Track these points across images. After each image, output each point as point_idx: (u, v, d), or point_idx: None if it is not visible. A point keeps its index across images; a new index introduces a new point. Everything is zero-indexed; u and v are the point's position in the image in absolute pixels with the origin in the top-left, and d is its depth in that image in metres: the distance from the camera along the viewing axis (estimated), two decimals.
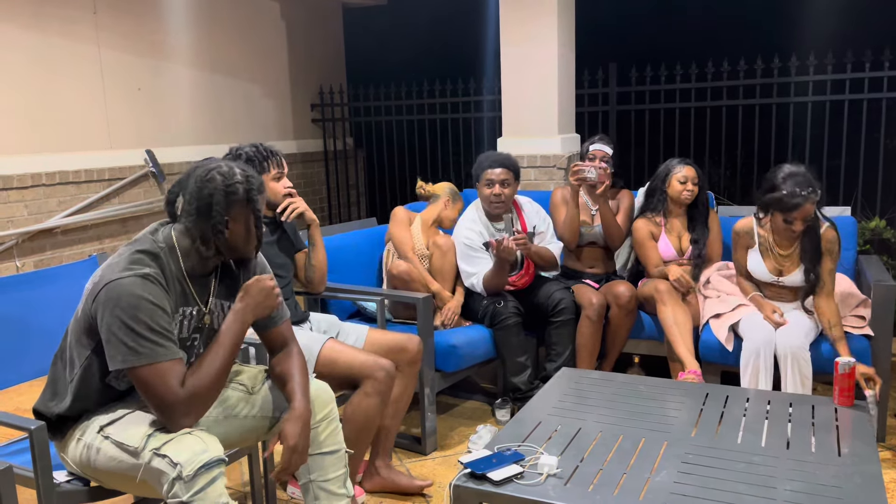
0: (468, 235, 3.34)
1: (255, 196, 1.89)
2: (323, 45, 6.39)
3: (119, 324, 1.70)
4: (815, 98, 4.40)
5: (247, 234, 1.90)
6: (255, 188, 1.90)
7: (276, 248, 2.74)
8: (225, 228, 1.86)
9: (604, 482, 1.80)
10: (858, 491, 1.72)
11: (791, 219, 2.87)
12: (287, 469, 1.90)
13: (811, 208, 2.84)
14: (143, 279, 1.74)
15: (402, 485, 2.68)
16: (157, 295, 1.75)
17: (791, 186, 2.82)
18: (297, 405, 1.93)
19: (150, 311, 1.72)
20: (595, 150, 3.50)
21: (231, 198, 1.84)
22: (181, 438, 1.70)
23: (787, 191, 2.83)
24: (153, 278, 1.76)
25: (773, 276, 3.05)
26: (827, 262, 2.95)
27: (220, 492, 1.67)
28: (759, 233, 3.08)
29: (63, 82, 4.36)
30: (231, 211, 1.85)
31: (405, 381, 2.66)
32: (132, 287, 1.72)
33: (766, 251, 3.07)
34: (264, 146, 2.66)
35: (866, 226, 4.07)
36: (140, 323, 1.71)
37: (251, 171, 1.92)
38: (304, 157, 6.17)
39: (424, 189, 3.49)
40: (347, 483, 2.10)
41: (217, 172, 1.85)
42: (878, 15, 4.79)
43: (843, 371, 2.23)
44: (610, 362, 3.43)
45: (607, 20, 5.38)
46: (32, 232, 4.20)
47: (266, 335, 2.08)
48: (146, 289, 1.73)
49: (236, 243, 1.90)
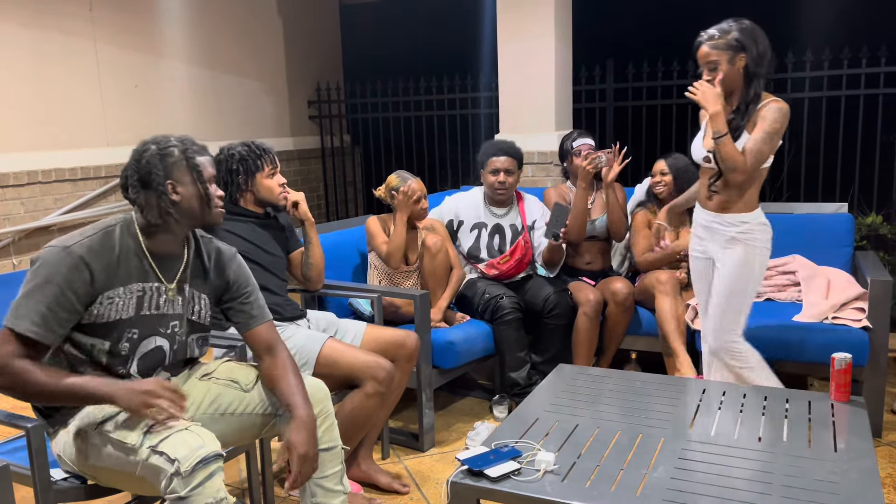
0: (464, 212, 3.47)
1: (192, 155, 1.89)
2: (320, 41, 6.38)
3: (28, 282, 1.75)
4: (811, 94, 4.40)
5: (199, 196, 1.89)
6: (192, 149, 1.90)
7: (270, 245, 2.73)
8: (172, 192, 1.85)
9: (601, 478, 1.80)
10: (854, 486, 1.72)
11: (700, 71, 2.62)
12: (299, 479, 1.88)
13: (706, 50, 2.56)
14: (66, 253, 1.75)
15: (381, 482, 2.68)
16: (67, 274, 1.74)
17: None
18: (300, 412, 1.91)
19: (50, 285, 1.73)
20: (580, 145, 3.51)
21: (167, 160, 1.86)
22: (178, 434, 1.70)
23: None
24: (73, 253, 1.75)
25: (705, 152, 2.68)
26: (756, 130, 2.56)
27: (219, 487, 1.67)
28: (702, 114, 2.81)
29: (59, 79, 4.34)
30: (172, 173, 1.86)
31: (399, 376, 2.66)
32: (51, 255, 1.76)
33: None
34: (256, 144, 2.66)
35: (863, 222, 4.08)
36: (37, 289, 1.73)
37: (189, 138, 1.94)
38: (301, 153, 6.16)
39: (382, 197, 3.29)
40: (344, 479, 2.10)
41: (151, 143, 1.90)
42: (875, 11, 4.79)
43: (840, 367, 2.24)
44: (607, 359, 3.44)
45: (604, 16, 5.37)
46: (29, 229, 4.19)
47: (247, 336, 2.07)
48: (63, 265, 1.74)
49: (192, 207, 1.89)
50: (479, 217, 3.52)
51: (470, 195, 3.62)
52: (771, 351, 3.01)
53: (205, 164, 1.92)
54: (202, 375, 2.07)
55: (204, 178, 1.90)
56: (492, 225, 3.51)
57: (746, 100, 2.57)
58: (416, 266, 3.30)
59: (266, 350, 2.04)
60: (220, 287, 2.05)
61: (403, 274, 3.27)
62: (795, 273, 3.42)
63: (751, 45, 2.54)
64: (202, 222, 1.94)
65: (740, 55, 2.53)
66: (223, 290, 2.06)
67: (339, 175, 6.36)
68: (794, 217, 3.63)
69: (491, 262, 3.45)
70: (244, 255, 2.60)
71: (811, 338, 2.95)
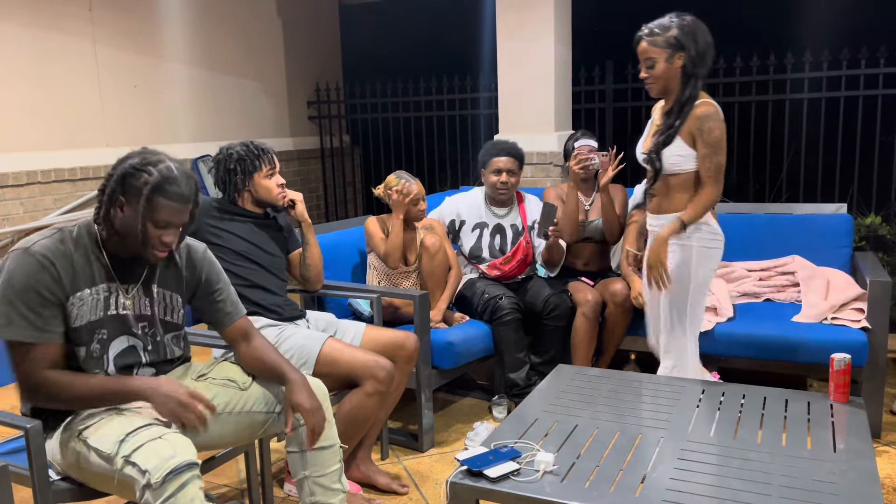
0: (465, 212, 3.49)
1: (159, 192, 1.76)
2: (319, 42, 6.38)
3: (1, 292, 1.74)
4: (810, 95, 4.41)
5: (134, 230, 1.78)
6: (170, 189, 1.77)
7: (269, 245, 2.73)
8: (118, 209, 1.79)
9: (600, 479, 1.80)
10: (854, 487, 1.72)
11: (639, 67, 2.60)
12: (316, 430, 1.95)
13: (645, 46, 2.54)
14: (25, 253, 1.75)
15: (379, 482, 2.68)
16: (31, 272, 1.74)
17: None
18: (293, 376, 1.98)
19: (17, 288, 1.73)
20: (581, 145, 3.50)
21: (131, 179, 1.78)
22: (150, 444, 1.67)
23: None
24: (36, 253, 1.75)
25: (643, 154, 2.70)
26: (699, 144, 2.55)
27: (192, 496, 1.63)
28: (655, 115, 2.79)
29: (59, 79, 4.34)
30: (126, 192, 1.78)
31: (398, 377, 2.66)
32: (13, 260, 1.75)
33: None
34: (255, 144, 2.66)
35: (862, 222, 4.08)
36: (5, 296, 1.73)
37: (184, 177, 1.80)
38: (301, 154, 6.16)
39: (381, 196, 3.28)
40: (343, 478, 2.10)
41: (143, 156, 1.81)
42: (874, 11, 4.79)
43: (839, 367, 2.24)
44: (606, 359, 3.43)
45: (604, 17, 5.37)
46: (28, 230, 4.19)
47: (225, 332, 2.08)
48: (24, 264, 1.74)
49: (126, 233, 1.80)
50: (481, 217, 3.53)
51: (470, 195, 3.62)
52: (770, 351, 3.02)
53: (168, 207, 1.78)
54: (198, 376, 2.07)
55: (152, 218, 1.78)
56: (493, 225, 3.51)
57: (681, 100, 2.55)
58: (414, 266, 3.30)
59: (242, 338, 2.08)
60: (193, 284, 2.04)
61: (402, 274, 3.27)
62: (794, 274, 3.42)
63: (689, 45, 2.50)
64: (128, 251, 1.86)
65: (678, 54, 2.50)
66: (195, 286, 2.05)
67: (338, 175, 6.36)
68: (793, 218, 3.63)
69: (493, 263, 3.45)
70: (243, 255, 2.62)
71: (810, 338, 2.95)
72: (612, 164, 3.40)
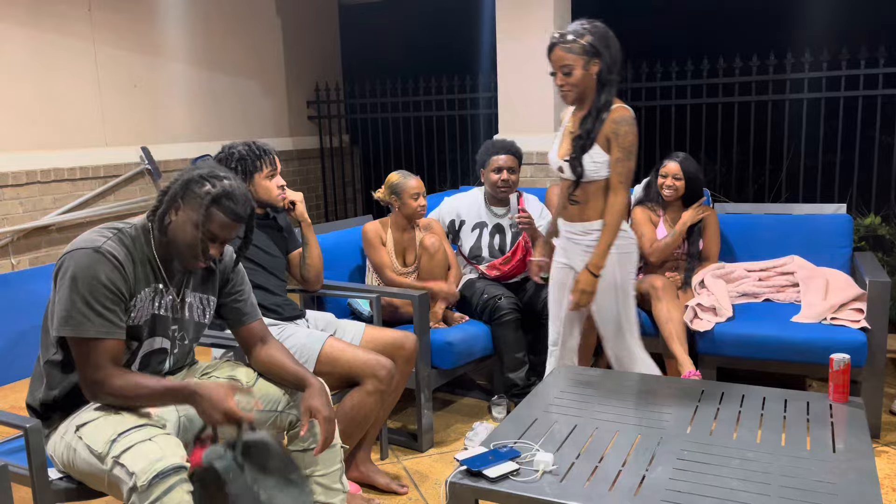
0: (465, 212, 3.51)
1: (214, 207, 1.80)
2: (319, 41, 6.37)
3: (66, 291, 1.74)
4: (810, 95, 4.41)
5: (190, 238, 1.81)
6: (226, 204, 1.81)
7: (269, 245, 2.73)
8: (171, 210, 1.82)
9: (599, 479, 1.80)
10: (853, 487, 1.72)
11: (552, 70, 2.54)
12: (329, 440, 1.97)
13: (561, 53, 2.49)
14: (96, 252, 1.75)
15: (379, 482, 2.68)
16: (104, 270, 1.75)
17: None
18: (312, 381, 2.00)
19: (92, 285, 1.73)
20: None
21: (192, 186, 1.82)
22: (140, 446, 1.67)
23: None
24: (106, 252, 1.76)
25: (560, 163, 2.64)
26: (613, 149, 2.52)
27: (179, 500, 1.62)
28: (566, 121, 2.72)
29: (58, 79, 4.34)
30: (185, 197, 1.82)
31: (398, 376, 2.66)
32: (83, 258, 1.75)
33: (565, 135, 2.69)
34: (257, 144, 2.66)
35: (861, 222, 4.08)
36: (80, 295, 1.73)
37: (243, 198, 1.85)
38: (301, 154, 6.16)
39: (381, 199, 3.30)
40: (343, 478, 2.10)
41: (212, 169, 1.85)
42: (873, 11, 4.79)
43: (838, 367, 2.24)
44: (606, 359, 3.43)
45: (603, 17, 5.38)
46: (28, 229, 4.19)
47: (239, 331, 2.11)
48: (96, 262, 1.75)
49: (174, 236, 1.83)
50: (481, 217, 3.53)
51: (470, 195, 3.63)
52: (769, 351, 3.02)
53: (222, 222, 1.83)
54: (202, 374, 2.08)
55: (204, 228, 1.81)
56: (492, 225, 3.52)
57: (598, 106, 2.53)
58: (414, 267, 3.30)
59: (259, 340, 2.10)
60: (221, 284, 2.08)
61: (402, 274, 3.27)
62: (794, 274, 3.42)
63: (604, 51, 2.48)
64: (176, 256, 1.88)
65: (594, 61, 2.48)
66: (222, 286, 2.08)
67: (338, 175, 6.36)
68: (792, 218, 3.63)
69: (492, 264, 3.45)
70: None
71: (810, 338, 2.95)
72: None
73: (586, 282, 2.56)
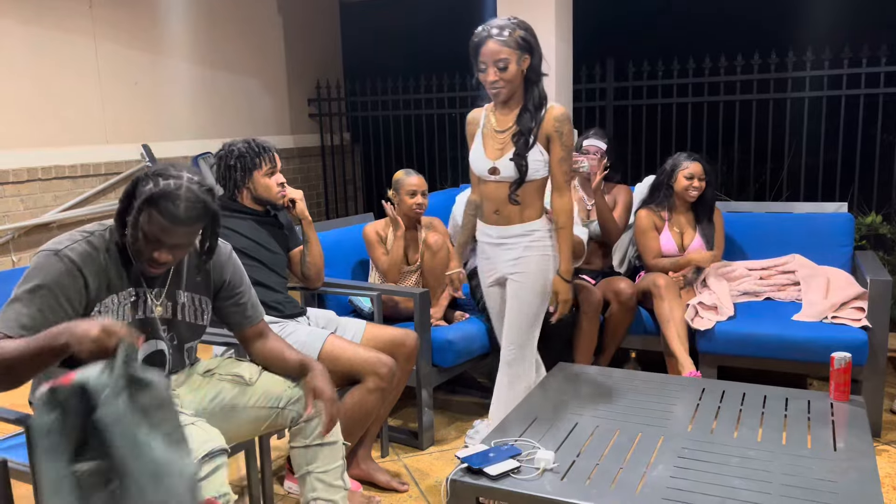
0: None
1: (148, 207, 1.69)
2: (320, 39, 6.37)
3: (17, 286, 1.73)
4: (811, 93, 4.40)
5: (133, 240, 1.74)
6: (161, 205, 1.68)
7: (270, 242, 2.73)
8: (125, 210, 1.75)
9: (600, 477, 1.80)
10: (854, 486, 1.72)
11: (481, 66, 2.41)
12: (333, 419, 2.00)
13: (496, 47, 2.35)
14: (55, 255, 1.73)
15: (380, 480, 2.68)
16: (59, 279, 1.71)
17: None
18: (313, 365, 2.05)
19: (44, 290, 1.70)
20: (588, 145, 3.49)
21: (138, 184, 1.72)
22: (184, 430, 1.69)
23: None
24: (64, 257, 1.72)
25: (490, 164, 2.49)
26: (556, 148, 2.43)
27: (223, 481, 1.68)
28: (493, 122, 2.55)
29: (59, 76, 4.34)
30: (132, 196, 1.73)
31: (398, 374, 2.67)
32: (41, 259, 1.74)
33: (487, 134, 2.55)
34: (256, 142, 2.66)
35: (862, 221, 4.08)
36: (22, 290, 1.71)
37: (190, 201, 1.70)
38: (301, 151, 6.16)
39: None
40: (345, 475, 2.10)
41: (165, 167, 1.76)
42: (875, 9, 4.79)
43: (839, 366, 2.24)
44: (607, 357, 3.43)
45: (605, 15, 5.37)
46: (28, 227, 4.19)
47: (241, 334, 2.13)
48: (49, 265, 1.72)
49: (128, 240, 1.76)
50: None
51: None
52: (770, 350, 3.02)
53: (158, 223, 1.71)
54: (204, 372, 2.08)
55: (142, 229, 1.72)
56: None
57: (535, 103, 2.42)
58: (416, 265, 3.30)
59: (258, 337, 2.13)
60: (217, 285, 2.06)
61: (404, 273, 3.26)
62: (795, 272, 3.42)
63: (536, 45, 2.38)
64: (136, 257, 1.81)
65: (525, 56, 2.38)
66: (219, 288, 2.06)
67: (339, 173, 6.36)
68: (793, 216, 3.63)
69: None
70: (243, 252, 2.62)
71: (811, 337, 2.95)
72: (599, 168, 3.39)
73: (564, 289, 2.51)
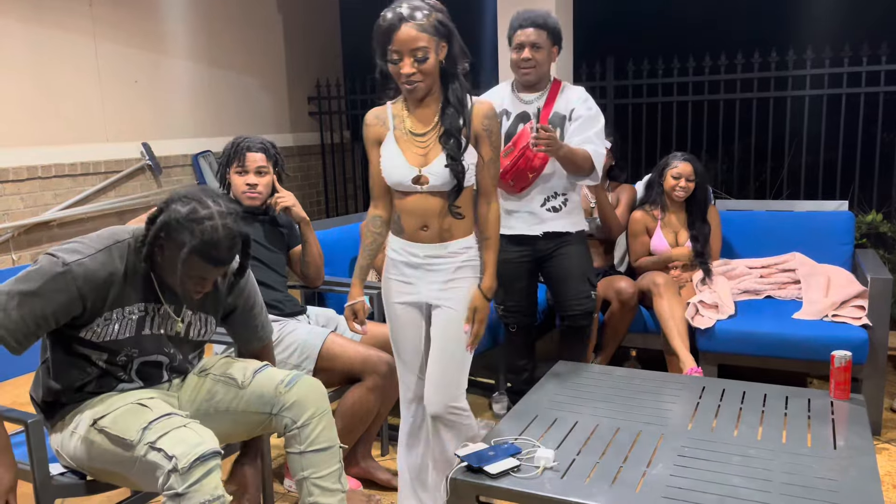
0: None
1: (194, 256, 1.72)
2: (320, 37, 6.37)
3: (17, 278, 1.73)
4: (812, 92, 4.40)
5: (173, 278, 1.77)
6: (207, 253, 1.72)
7: (269, 241, 2.73)
8: (157, 247, 1.77)
9: (600, 475, 1.80)
10: (854, 484, 1.72)
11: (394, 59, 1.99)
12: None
13: (414, 33, 1.93)
14: (63, 265, 1.72)
15: (380, 478, 2.68)
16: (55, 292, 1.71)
17: None
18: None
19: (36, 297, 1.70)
20: None
21: (172, 232, 1.73)
22: (176, 432, 1.71)
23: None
24: (69, 273, 1.71)
25: (415, 172, 2.08)
26: (485, 149, 2.08)
27: (216, 484, 1.68)
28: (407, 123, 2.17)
29: (59, 74, 4.34)
30: (167, 240, 1.75)
31: None
32: (47, 264, 1.72)
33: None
34: (239, 140, 2.65)
35: (863, 220, 4.08)
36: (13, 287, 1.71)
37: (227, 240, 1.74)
38: (301, 150, 6.16)
39: None
40: (342, 478, 2.08)
41: (194, 207, 1.74)
42: (876, 8, 4.79)
43: (839, 364, 2.24)
44: (607, 356, 3.43)
45: (604, 13, 5.37)
46: (28, 225, 4.18)
47: (248, 352, 2.18)
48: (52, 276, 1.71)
49: (164, 273, 1.81)
50: (503, 104, 2.91)
51: (500, 87, 3.04)
52: (771, 348, 3.02)
53: (204, 269, 1.77)
54: (199, 371, 2.08)
55: (188, 273, 1.75)
56: (516, 113, 2.90)
57: (457, 97, 2.05)
58: None
59: (261, 351, 2.19)
60: (230, 307, 2.07)
61: None
62: (795, 271, 3.42)
63: (453, 31, 2.02)
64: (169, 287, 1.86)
65: (443, 43, 1.99)
66: (232, 310, 2.08)
67: (339, 171, 6.36)
68: (794, 215, 3.63)
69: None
70: None
71: (811, 335, 2.95)
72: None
73: (483, 307, 2.12)
